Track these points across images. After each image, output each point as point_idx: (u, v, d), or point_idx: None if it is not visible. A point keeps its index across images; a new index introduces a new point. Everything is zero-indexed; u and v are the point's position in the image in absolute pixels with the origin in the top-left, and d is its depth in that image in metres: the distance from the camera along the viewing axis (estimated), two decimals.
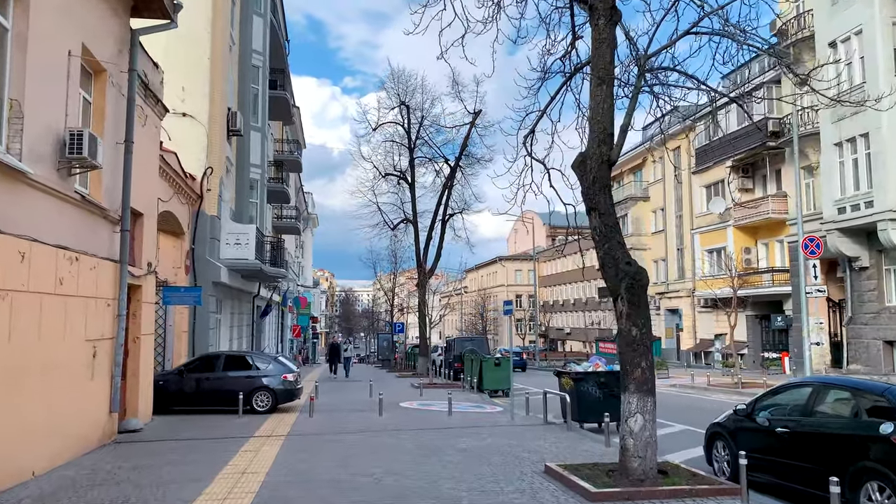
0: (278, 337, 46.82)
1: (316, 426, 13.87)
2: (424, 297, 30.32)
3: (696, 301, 42.10)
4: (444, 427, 13.62)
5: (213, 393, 16.41)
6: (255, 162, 24.63)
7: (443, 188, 32.37)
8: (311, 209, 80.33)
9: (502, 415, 16.24)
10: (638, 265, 8.34)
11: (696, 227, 40.80)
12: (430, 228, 32.56)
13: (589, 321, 69.70)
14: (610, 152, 8.51)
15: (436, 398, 20.64)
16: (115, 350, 11.87)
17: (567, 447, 11.05)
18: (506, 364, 22.27)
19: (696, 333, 42.75)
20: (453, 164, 32.00)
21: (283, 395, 16.65)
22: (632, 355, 8.08)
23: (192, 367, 16.71)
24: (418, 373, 31.53)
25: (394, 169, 33.27)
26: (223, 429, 13.57)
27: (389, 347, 47.88)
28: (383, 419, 15.00)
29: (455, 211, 33.08)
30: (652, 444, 8.05)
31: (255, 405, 16.37)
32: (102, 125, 11.50)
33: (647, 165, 50.34)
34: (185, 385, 16.40)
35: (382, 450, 10.88)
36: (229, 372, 16.65)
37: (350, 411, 16.84)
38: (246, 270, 21.89)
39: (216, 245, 20.39)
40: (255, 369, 16.73)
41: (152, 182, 14.75)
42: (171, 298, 15.93)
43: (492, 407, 18.42)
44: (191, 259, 19.47)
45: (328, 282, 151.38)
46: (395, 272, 44.72)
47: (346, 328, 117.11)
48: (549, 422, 14.31)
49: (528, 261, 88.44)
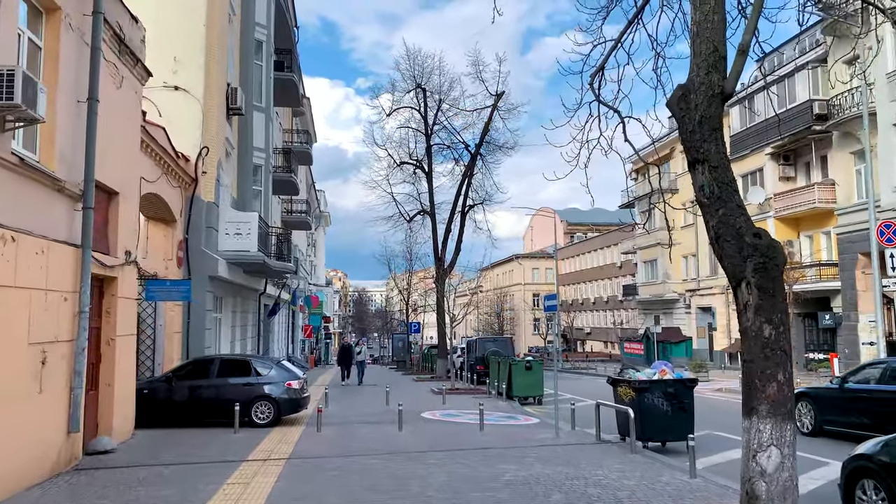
0: (289, 337, 44.66)
1: (324, 446, 11.58)
2: (443, 293, 28.03)
3: (731, 299, 39.47)
4: (479, 447, 11.28)
5: (206, 403, 14.17)
6: (258, 145, 22.41)
7: (462, 177, 30.04)
8: (323, 207, 78.40)
9: (542, 429, 13.88)
10: (770, 238, 5.98)
11: None
12: (448, 220, 30.29)
13: (610, 321, 67.11)
14: (723, 81, 6.15)
15: (461, 406, 18.31)
16: (76, 355, 9.63)
17: (641, 479, 8.67)
18: (537, 368, 19.92)
19: (731, 333, 40.11)
20: (474, 151, 29.65)
21: (287, 406, 14.38)
22: (763, 364, 5.71)
23: (182, 374, 14.47)
24: (437, 376, 29.22)
25: (409, 157, 31.00)
26: (212, 448, 11.31)
27: (405, 348, 45.60)
28: (404, 436, 12.68)
29: (476, 202, 30.76)
30: (792, 491, 5.68)
31: (254, 417, 14.12)
32: (56, 76, 9.26)
33: (675, 156, 47.73)
34: (173, 394, 14.16)
35: (406, 483, 8.56)
36: (225, 379, 14.39)
37: (364, 424, 14.54)
38: (248, 264, 19.65)
39: (213, 235, 18.16)
40: (254, 375, 14.46)
41: (132, 157, 12.52)
42: (155, 293, 13.70)
43: (526, 418, 16.06)
44: (184, 250, 17.25)
45: (341, 282, 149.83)
46: (410, 268, 42.37)
47: (360, 328, 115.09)
48: (603, 439, 11.93)
49: (545, 259, 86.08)
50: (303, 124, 43.14)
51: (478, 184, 30.48)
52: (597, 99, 7.70)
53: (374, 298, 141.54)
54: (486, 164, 30.20)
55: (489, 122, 28.88)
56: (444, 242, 29.60)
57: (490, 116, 28.86)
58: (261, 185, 22.76)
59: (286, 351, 43.23)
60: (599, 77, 7.68)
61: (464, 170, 30.11)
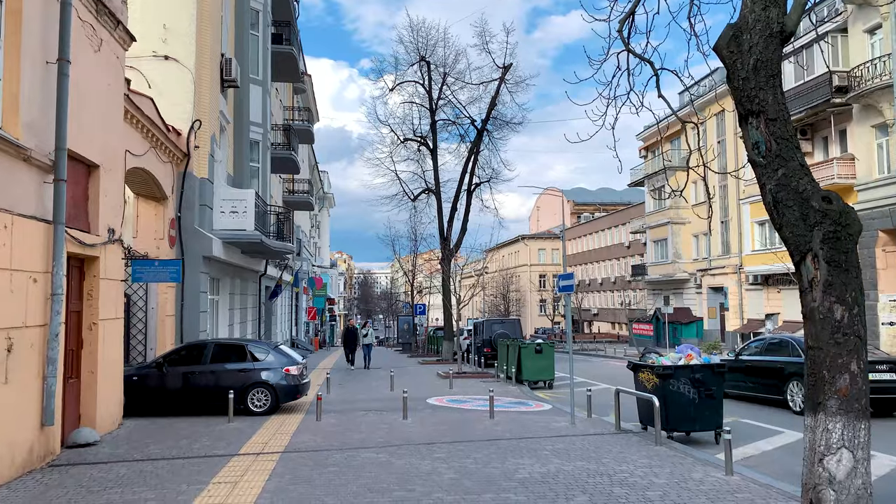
0: (292, 320, 43.96)
1: (323, 436, 10.75)
2: (449, 273, 27.14)
3: (744, 278, 38.53)
4: (490, 438, 10.44)
5: (200, 390, 13.37)
6: (255, 120, 21.44)
7: (468, 154, 29.01)
8: (326, 188, 77.46)
9: (555, 416, 13.03)
10: (843, 202, 5.06)
11: (745, 197, 37.11)
12: (454, 199, 29.28)
13: (618, 301, 66.24)
14: (783, 18, 5.20)
15: (468, 391, 17.50)
16: (49, 342, 8.79)
17: (671, 476, 7.82)
18: (548, 351, 19.06)
19: (744, 313, 39.21)
20: (480, 127, 28.58)
21: (286, 393, 13.57)
22: (834, 351, 4.82)
23: (173, 359, 13.66)
24: (443, 359, 28.42)
25: (413, 134, 29.94)
26: (203, 440, 10.50)
27: (410, 330, 44.84)
28: (409, 425, 11.85)
29: (482, 179, 29.75)
30: (866, 501, 4.81)
31: (250, 405, 13.31)
32: (19, 34, 8.33)
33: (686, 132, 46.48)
34: (164, 381, 13.36)
35: (411, 481, 7.72)
36: (219, 364, 13.57)
37: (367, 412, 13.73)
38: (245, 244, 18.77)
39: (207, 213, 17.28)
40: (250, 361, 13.63)
41: (114, 127, 11.60)
42: (141, 274, 12.84)
43: (537, 404, 15.23)
44: (176, 229, 16.39)
45: (346, 264, 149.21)
46: (415, 249, 41.44)
47: (365, 310, 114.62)
48: (623, 429, 11.08)
49: (551, 239, 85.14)
50: (304, 102, 42.09)
51: (484, 161, 29.49)
52: (626, 48, 6.74)
53: (379, 280, 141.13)
54: (492, 140, 29.22)
55: (496, 96, 27.79)
56: (450, 222, 28.65)
57: (497, 90, 27.76)
58: (258, 162, 21.82)
59: (289, 334, 42.54)
60: (629, 23, 6.72)
61: (470, 146, 29.07)
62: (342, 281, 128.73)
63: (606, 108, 7.00)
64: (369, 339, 27.66)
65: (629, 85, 6.87)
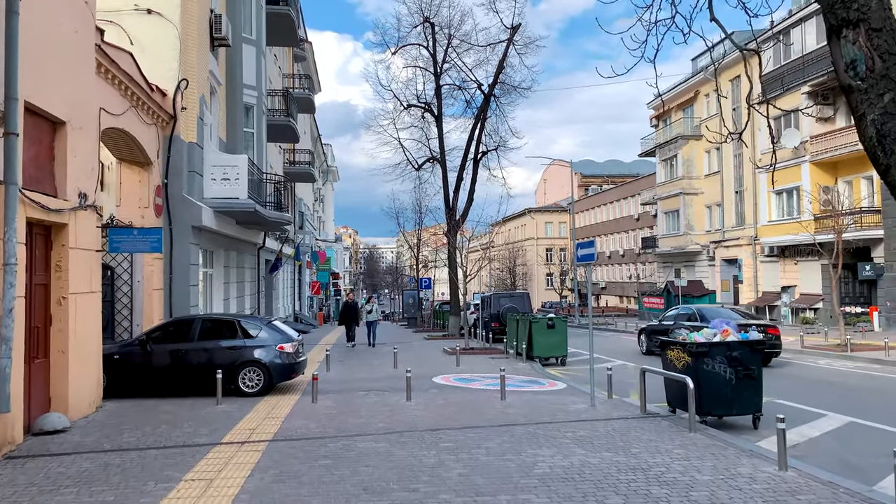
0: (294, 294, 43.05)
1: (317, 422, 9.74)
2: (455, 245, 26.02)
3: (759, 250, 37.32)
4: (502, 423, 9.41)
5: (186, 369, 12.37)
6: (249, 83, 20.21)
7: (475, 120, 27.70)
8: (330, 161, 76.23)
9: (572, 396, 12.00)
10: None
11: (762, 166, 35.74)
12: (460, 168, 28.07)
13: (626, 274, 65.14)
14: None
15: (476, 369, 16.49)
16: (2, 318, 7.74)
17: (714, 471, 6.76)
18: (560, 326, 18.00)
19: (758, 286, 38.06)
20: (487, 92, 27.24)
21: (280, 372, 12.56)
22: None
23: (157, 336, 12.65)
24: (450, 334, 27.43)
25: (417, 100, 28.62)
26: (184, 426, 9.51)
27: (416, 305, 43.90)
28: (413, 408, 10.83)
29: (489, 148, 28.48)
30: None
31: (241, 385, 12.32)
32: None
33: (698, 100, 45.03)
34: (149, 359, 12.36)
35: (414, 476, 6.69)
36: (207, 341, 12.56)
37: (368, 392, 12.71)
38: (238, 213, 17.66)
39: (197, 181, 16.16)
40: (241, 338, 12.60)
41: (84, 81, 10.45)
42: (119, 244, 11.78)
43: (551, 383, 14.19)
44: (163, 197, 15.30)
45: (351, 238, 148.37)
46: (419, 221, 40.32)
47: (371, 284, 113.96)
48: (649, 412, 10.03)
49: (558, 212, 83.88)
50: (305, 71, 40.71)
51: (491, 129, 28.20)
52: None
53: (385, 255, 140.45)
54: (500, 106, 27.87)
55: (504, 59, 26.42)
56: (456, 192, 27.47)
57: (505, 52, 26.38)
58: (254, 128, 20.64)
59: (292, 308, 41.66)
60: None
61: (476, 113, 27.76)
62: (347, 255, 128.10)
63: (647, 37, 5.80)
64: (374, 314, 25.51)
65: (673, 7, 5.66)
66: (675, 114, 48.02)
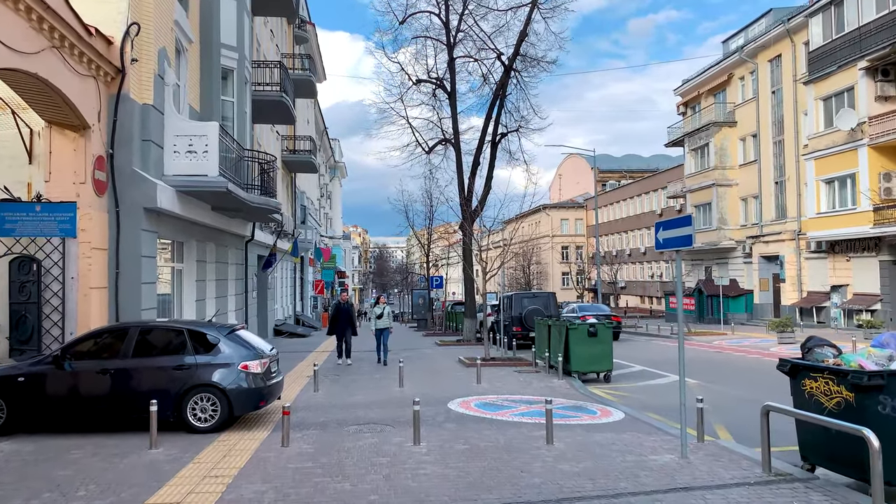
0: (295, 294, 39.92)
1: (278, 488, 6.47)
2: (471, 239, 22.75)
3: (805, 245, 33.79)
4: (562, 498, 6.10)
5: (116, 397, 9.15)
6: (228, 42, 16.99)
7: (493, 96, 24.38)
8: (338, 157, 73.44)
9: (641, 435, 8.67)
10: None
11: (809, 152, 32.21)
12: (476, 152, 24.73)
13: (647, 273, 61.60)
14: None
15: (502, 388, 13.18)
16: None
17: None
18: (604, 334, 14.67)
19: (802, 285, 34.55)
20: (508, 62, 23.89)
21: (243, 399, 9.30)
22: None
23: (79, 352, 9.42)
24: (465, 339, 24.15)
25: (428, 74, 25.31)
26: (80, 490, 6.28)
27: (426, 305, 40.62)
28: (423, 457, 7.54)
29: (509, 129, 25.15)
30: None
31: (189, 417, 9.09)
32: None
33: (732, 84, 41.53)
34: (65, 382, 9.15)
35: None
36: (145, 358, 9.35)
37: (361, 427, 9.43)
38: (208, 194, 14.34)
39: (155, 153, 12.94)
40: (191, 353, 9.36)
41: None
42: (13, 224, 8.61)
43: (603, 410, 10.85)
44: (107, 171, 12.09)
45: (361, 237, 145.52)
46: (430, 212, 37.02)
47: (380, 284, 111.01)
48: (778, 472, 6.70)
49: (574, 208, 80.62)
50: (307, 51, 37.57)
51: (511, 107, 24.87)
52: None
53: (395, 255, 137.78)
54: (521, 80, 24.52)
55: (527, 24, 23.02)
56: (472, 178, 24.16)
57: (529, 16, 22.99)
58: (232, 96, 17.41)
59: (293, 309, 38.53)
60: None
61: (495, 88, 24.42)
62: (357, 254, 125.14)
63: None
64: (385, 320, 18.05)
65: None
66: (704, 100, 44.52)
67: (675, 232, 7.32)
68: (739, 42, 41.78)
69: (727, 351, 21.65)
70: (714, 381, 14.29)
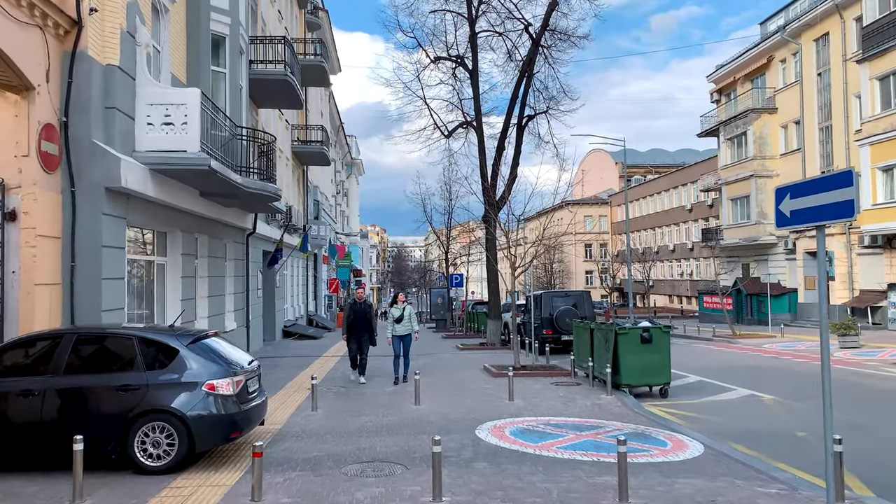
0: (308, 293, 37.84)
1: None
2: (495, 230, 20.42)
3: (857, 239, 31.06)
4: None
5: (42, 428, 6.98)
6: (218, 5, 14.82)
7: (520, 74, 22.01)
8: (354, 154, 71.66)
9: (744, 484, 6.32)
10: None
11: (863, 138, 29.50)
12: (500, 136, 22.41)
13: (677, 272, 58.83)
14: None
15: (541, 405, 10.84)
16: None
17: None
18: (661, 340, 12.27)
19: (854, 283, 31.82)
20: (536, 35, 21.53)
21: (207, 430, 7.06)
22: None
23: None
24: (489, 343, 21.83)
25: (447, 52, 23.02)
26: None
27: (445, 305, 38.33)
28: None
29: (537, 110, 22.81)
30: None
31: (138, 454, 6.89)
32: None
33: (772, 67, 38.77)
34: None
35: None
36: (82, 375, 7.16)
37: (363, 468, 7.17)
38: (186, 173, 12.03)
39: (121, 123, 10.76)
40: (141, 369, 7.16)
41: None
42: None
43: (674, 441, 8.48)
44: (60, 143, 9.94)
45: (379, 236, 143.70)
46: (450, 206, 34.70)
47: (399, 283, 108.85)
48: None
49: (598, 205, 78.04)
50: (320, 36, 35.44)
51: (539, 85, 22.52)
52: None
53: (413, 254, 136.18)
54: (549, 58, 22.17)
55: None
56: (496, 164, 21.85)
57: None
58: (224, 67, 15.23)
59: (304, 309, 36.45)
60: None
61: (521, 65, 22.06)
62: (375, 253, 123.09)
63: None
64: (406, 324, 13.96)
65: None
66: (741, 86, 41.76)
67: (816, 199, 4.95)
68: (780, 22, 39.04)
69: (785, 356, 19.17)
70: (794, 397, 11.87)
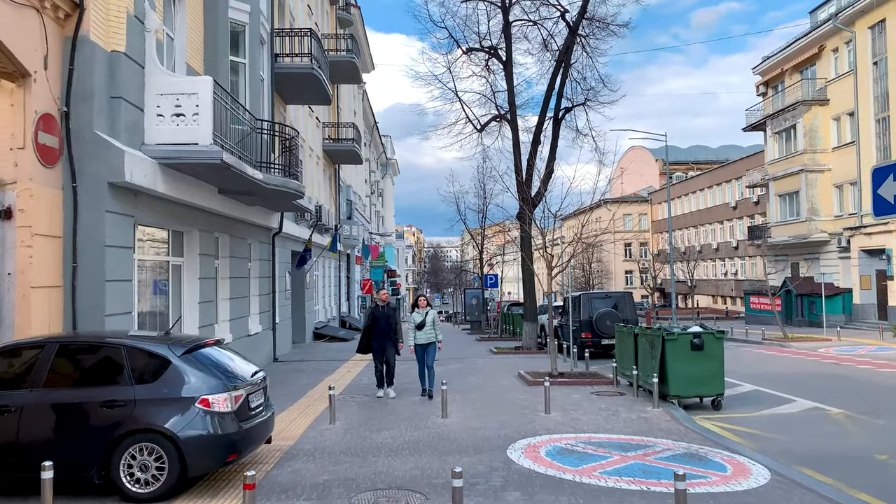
0: (340, 294, 37.24)
1: None
2: (531, 227, 19.37)
3: None
4: None
5: (19, 449, 6.24)
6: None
7: (556, 64, 20.94)
8: (389, 154, 71.27)
9: None
10: None
11: None
12: (536, 130, 21.38)
13: (720, 271, 56.87)
14: None
15: (580, 419, 9.83)
16: None
17: None
18: (713, 346, 11.14)
19: None
20: (574, 23, 20.44)
21: (203, 452, 6.25)
22: None
23: None
24: (524, 346, 20.82)
25: (480, 43, 22.07)
26: None
27: (480, 306, 37.38)
28: None
29: (575, 102, 21.71)
30: None
31: (123, 480, 6.10)
32: None
33: (823, 57, 36.91)
34: None
35: None
36: (62, 390, 6.41)
37: (377, 498, 6.28)
38: (199, 167, 11.28)
39: (127, 114, 10.07)
40: (127, 383, 6.39)
41: None
42: None
43: (731, 461, 7.41)
44: (61, 136, 9.28)
45: (415, 237, 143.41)
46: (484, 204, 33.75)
47: (434, 283, 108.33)
48: None
49: (638, 203, 76.16)
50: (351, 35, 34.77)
51: (577, 76, 21.41)
52: None
53: (449, 254, 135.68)
54: (586, 47, 21.06)
55: None
56: (531, 159, 20.82)
57: None
58: (244, 58, 14.52)
59: (337, 311, 35.88)
60: None
61: (558, 55, 20.99)
62: (410, 254, 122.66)
63: None
64: (427, 331, 12.25)
65: None
66: (789, 77, 39.91)
67: None
68: (831, 10, 37.13)
69: (845, 362, 17.75)
70: (866, 411, 10.64)
